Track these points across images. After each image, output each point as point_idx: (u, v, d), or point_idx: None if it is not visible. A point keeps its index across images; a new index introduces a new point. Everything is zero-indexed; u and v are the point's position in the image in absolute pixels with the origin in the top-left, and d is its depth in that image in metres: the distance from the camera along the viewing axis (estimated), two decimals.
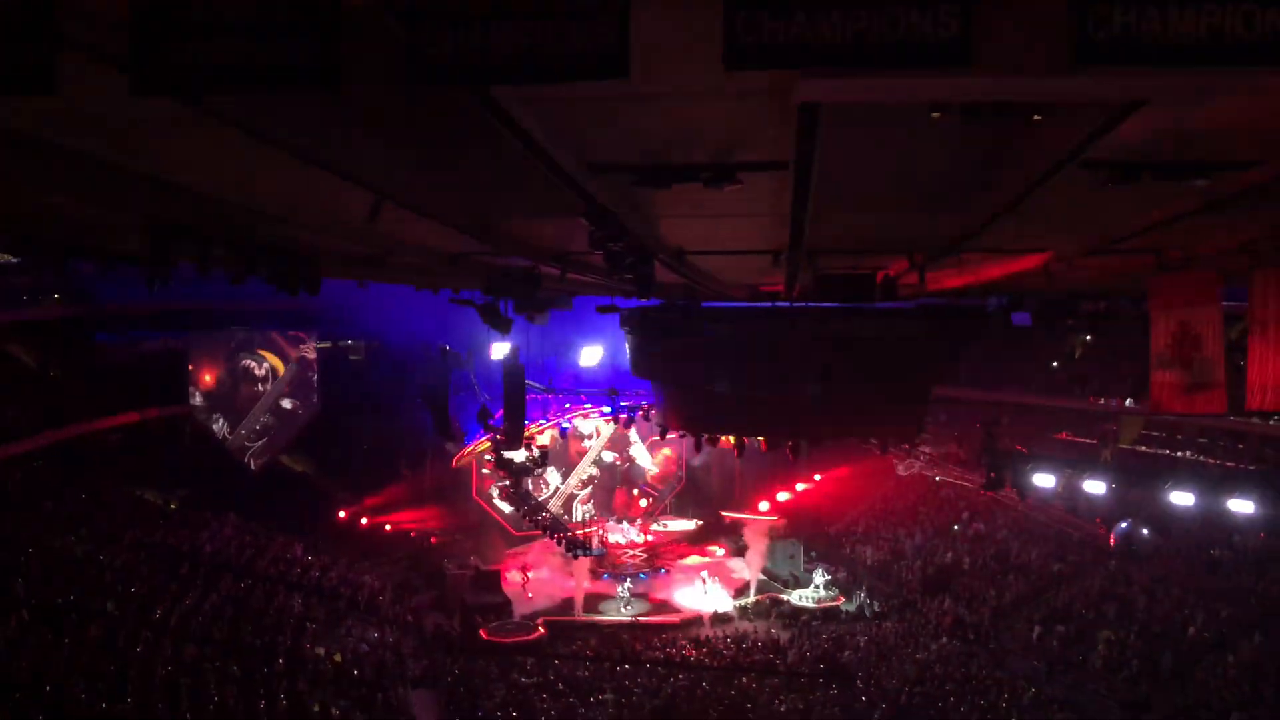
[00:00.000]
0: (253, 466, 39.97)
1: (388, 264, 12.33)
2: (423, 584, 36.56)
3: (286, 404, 41.11)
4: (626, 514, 44.46)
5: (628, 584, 36.33)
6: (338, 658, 24.26)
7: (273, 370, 40.55)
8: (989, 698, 25.56)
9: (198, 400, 38.92)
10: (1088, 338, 29.49)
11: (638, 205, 7.92)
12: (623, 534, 42.10)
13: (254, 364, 40.15)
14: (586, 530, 40.70)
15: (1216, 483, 22.10)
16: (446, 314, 26.06)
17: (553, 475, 44.08)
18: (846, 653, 30.07)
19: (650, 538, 42.46)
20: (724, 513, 44.56)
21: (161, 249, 8.31)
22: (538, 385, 39.01)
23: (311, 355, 41.98)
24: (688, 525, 44.52)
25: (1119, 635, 27.23)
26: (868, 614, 34.75)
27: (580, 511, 44.31)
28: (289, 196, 7.71)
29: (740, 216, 8.51)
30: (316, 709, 20.74)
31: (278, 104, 4.82)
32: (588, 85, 3.43)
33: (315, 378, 41.73)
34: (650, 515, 44.87)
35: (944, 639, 30.36)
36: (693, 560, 41.44)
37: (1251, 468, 26.43)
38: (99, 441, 33.51)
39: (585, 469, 44.93)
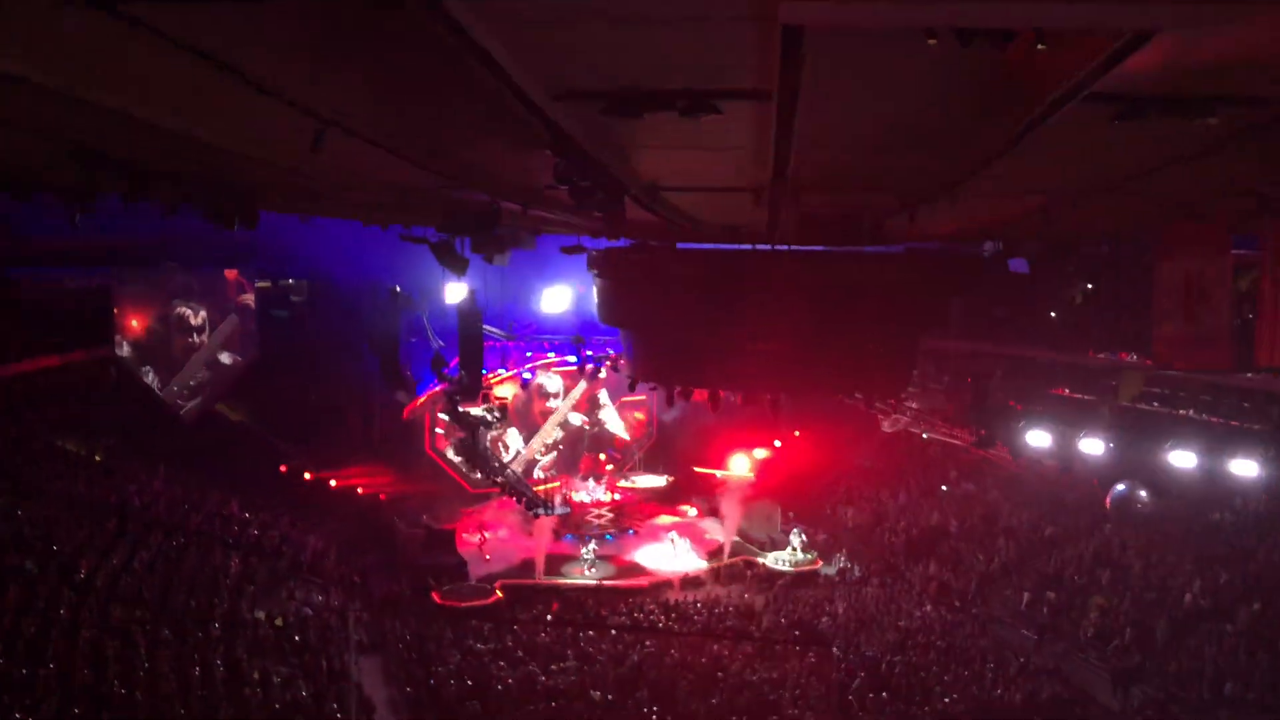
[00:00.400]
0: (186, 415, 39.68)
1: (333, 197, 12.19)
2: (371, 544, 36.63)
3: (225, 358, 40.75)
4: (593, 472, 44.74)
5: (592, 545, 36.64)
6: (279, 622, 24.32)
7: (208, 321, 40.10)
8: (974, 667, 26.12)
9: (125, 351, 38.40)
10: (1089, 286, 29.75)
11: (608, 136, 7.85)
12: (588, 492, 42.39)
13: (190, 313, 39.66)
14: (548, 488, 40.98)
15: (1219, 442, 22.50)
16: (398, 252, 25.85)
17: (514, 437, 44.22)
18: (824, 619, 30.54)
19: (618, 496, 42.74)
20: (697, 468, 44.91)
21: (86, 178, 8.19)
22: (497, 331, 38.98)
23: (252, 304, 41.59)
24: (658, 481, 44.95)
25: (1112, 602, 27.84)
26: (848, 578, 35.25)
27: (542, 474, 44.61)
28: (224, 122, 7.58)
29: (719, 150, 8.47)
30: (256, 676, 20.81)
31: (205, 15, 4.72)
32: (554, 2, 3.38)
33: (255, 323, 41.41)
34: (619, 471, 45.13)
35: (928, 606, 30.93)
36: (663, 520, 41.83)
37: (1256, 427, 26.89)
38: (15, 386, 33.10)
39: (550, 432, 45.06)
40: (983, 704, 24.29)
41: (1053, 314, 37.05)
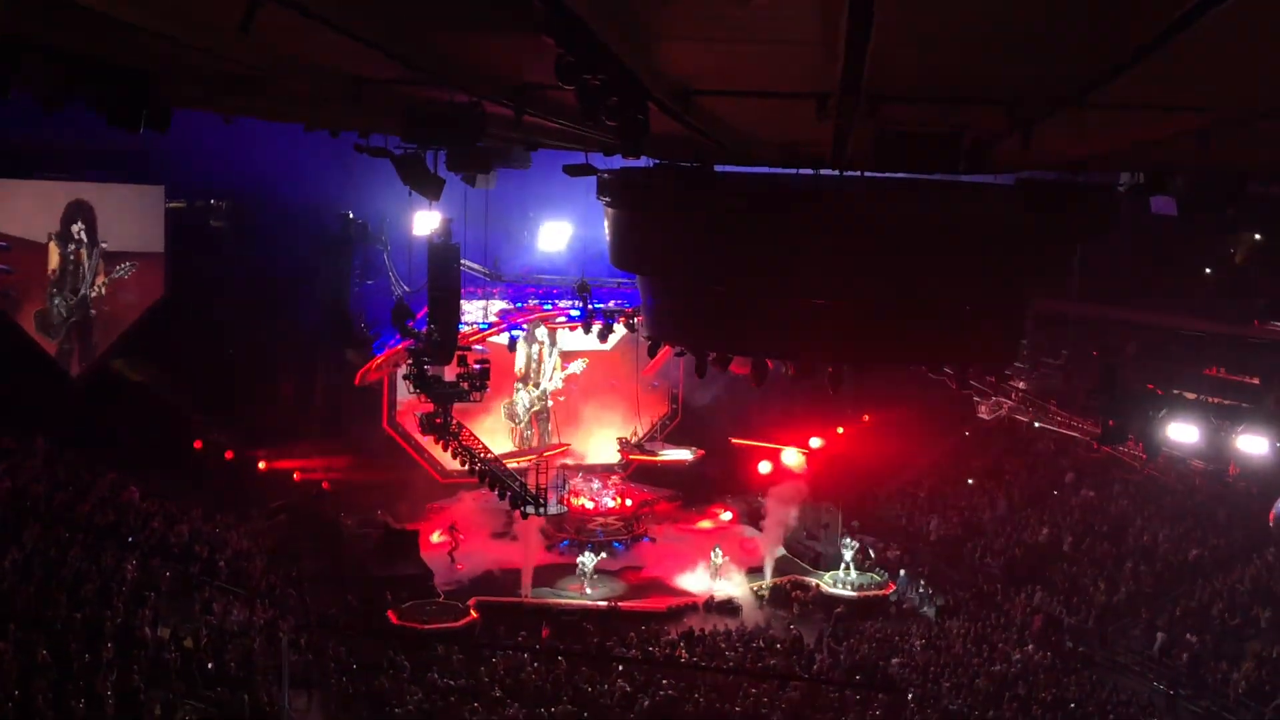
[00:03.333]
0: (71, 372, 39.77)
1: (265, 89, 12.10)
2: (309, 546, 36.87)
3: (120, 273, 40.37)
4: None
5: (589, 557, 36.63)
6: (188, 643, 24.48)
7: (91, 226, 39.68)
8: None
9: None
10: (1256, 237, 29.46)
11: (626, 15, 7.75)
12: (591, 494, 42.29)
13: (78, 226, 39.48)
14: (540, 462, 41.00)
15: None
16: (351, 167, 25.88)
17: (521, 397, 44.71)
18: (895, 660, 30.58)
19: (629, 501, 42.56)
20: (735, 439, 44.81)
21: None
22: (477, 267, 38.88)
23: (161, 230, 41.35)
24: (684, 454, 44.61)
25: (1273, 652, 27.76)
26: (927, 608, 35.29)
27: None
28: None
29: (774, 41, 8.35)
30: (158, 712, 20.97)
31: None
32: None
33: (163, 247, 41.07)
34: (636, 446, 44.85)
35: (1031, 646, 30.92)
36: (700, 525, 42.11)
37: None
38: None
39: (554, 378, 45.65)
40: None
41: (1207, 271, 36.84)
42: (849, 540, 37.63)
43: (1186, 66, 8.27)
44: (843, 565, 36.92)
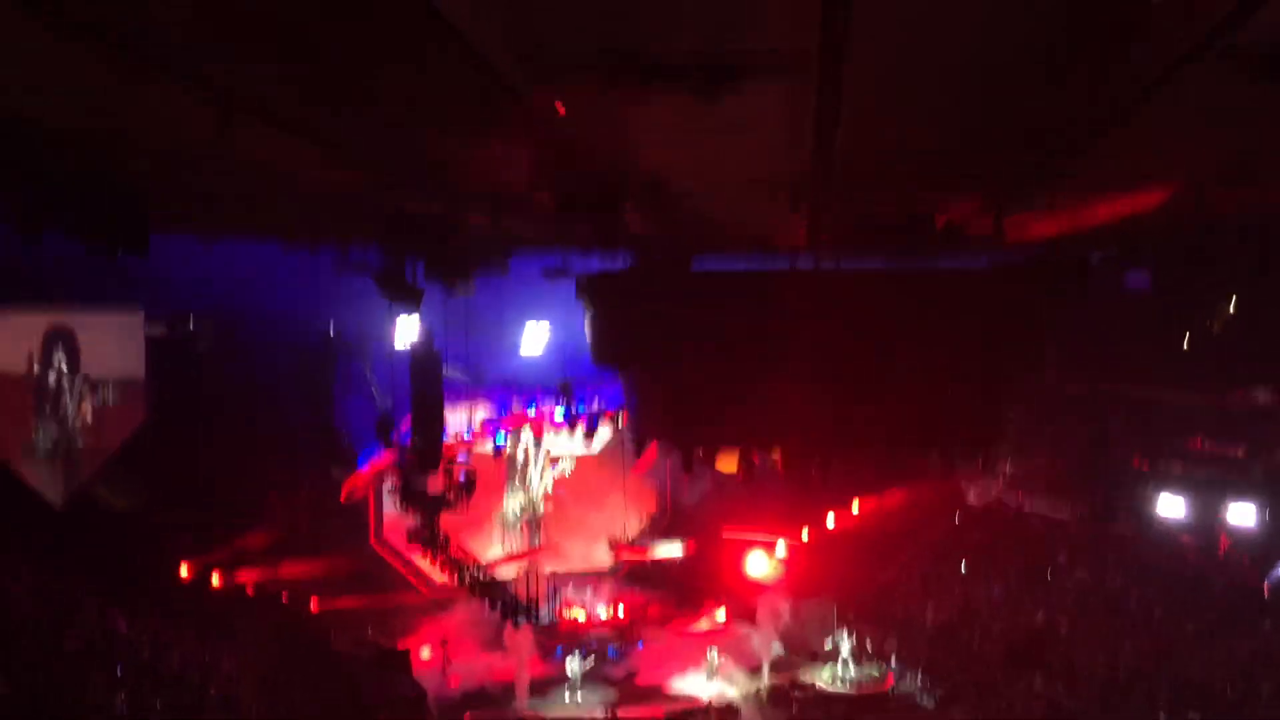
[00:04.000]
0: (56, 502, 39.53)
1: (243, 208, 12.22)
2: (301, 668, 36.41)
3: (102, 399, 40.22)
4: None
5: (577, 661, 36.15)
6: None
7: (72, 353, 39.63)
8: None
9: None
10: (1232, 304, 29.67)
11: (599, 121, 7.87)
12: (584, 606, 41.81)
13: (61, 365, 39.44)
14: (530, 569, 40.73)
15: None
16: (331, 282, 25.99)
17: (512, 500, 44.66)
18: None
19: (622, 613, 42.07)
20: (727, 532, 44.61)
21: None
22: (460, 375, 38.89)
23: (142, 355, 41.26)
24: (675, 548, 44.29)
25: None
26: (926, 700, 34.97)
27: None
28: (99, 109, 7.61)
29: (742, 132, 8.48)
30: None
31: None
32: None
33: (142, 374, 40.98)
34: (628, 544, 44.55)
35: None
36: (694, 627, 41.73)
37: None
38: None
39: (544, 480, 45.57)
40: None
41: (1185, 343, 37.00)
42: (845, 634, 37.34)
43: (1146, 141, 8.44)
44: (840, 661, 36.57)
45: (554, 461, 45.30)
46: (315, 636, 39.03)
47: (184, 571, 39.88)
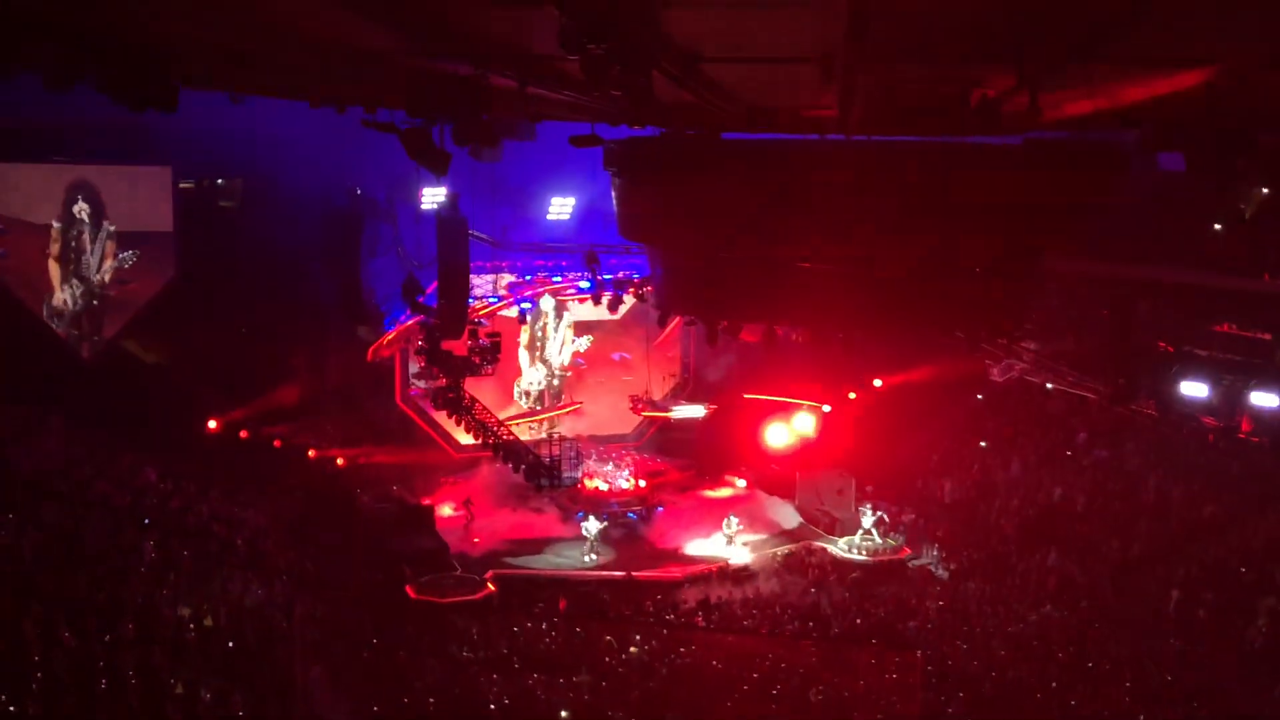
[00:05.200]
0: (84, 353, 39.85)
1: (269, 63, 12.10)
2: (326, 523, 36.95)
3: (126, 260, 40.29)
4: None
5: (593, 524, 36.54)
6: (208, 621, 24.62)
7: (96, 206, 39.52)
8: (1106, 685, 26.14)
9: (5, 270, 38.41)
10: (1264, 191, 29.21)
11: None
12: (605, 476, 42.16)
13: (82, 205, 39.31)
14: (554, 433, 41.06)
15: None
16: (359, 144, 25.81)
17: (532, 373, 44.74)
18: (912, 623, 30.63)
19: (643, 483, 42.39)
20: (748, 395, 44.90)
21: None
22: (485, 237, 38.83)
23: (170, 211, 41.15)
24: (697, 410, 44.53)
25: None
26: (943, 571, 35.32)
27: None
28: None
29: (775, 4, 8.33)
30: (179, 690, 21.10)
31: None
32: None
33: (172, 228, 40.94)
34: (649, 403, 44.76)
35: (1047, 606, 30.94)
36: (707, 495, 42.09)
37: None
38: None
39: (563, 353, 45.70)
40: None
41: (1217, 227, 36.57)
42: (868, 508, 37.63)
43: (1192, 16, 8.24)
44: (861, 532, 36.89)
45: (577, 335, 45.31)
46: (340, 492, 39.56)
47: (212, 426, 40.32)
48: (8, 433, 30.88)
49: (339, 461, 41.64)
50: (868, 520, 37.01)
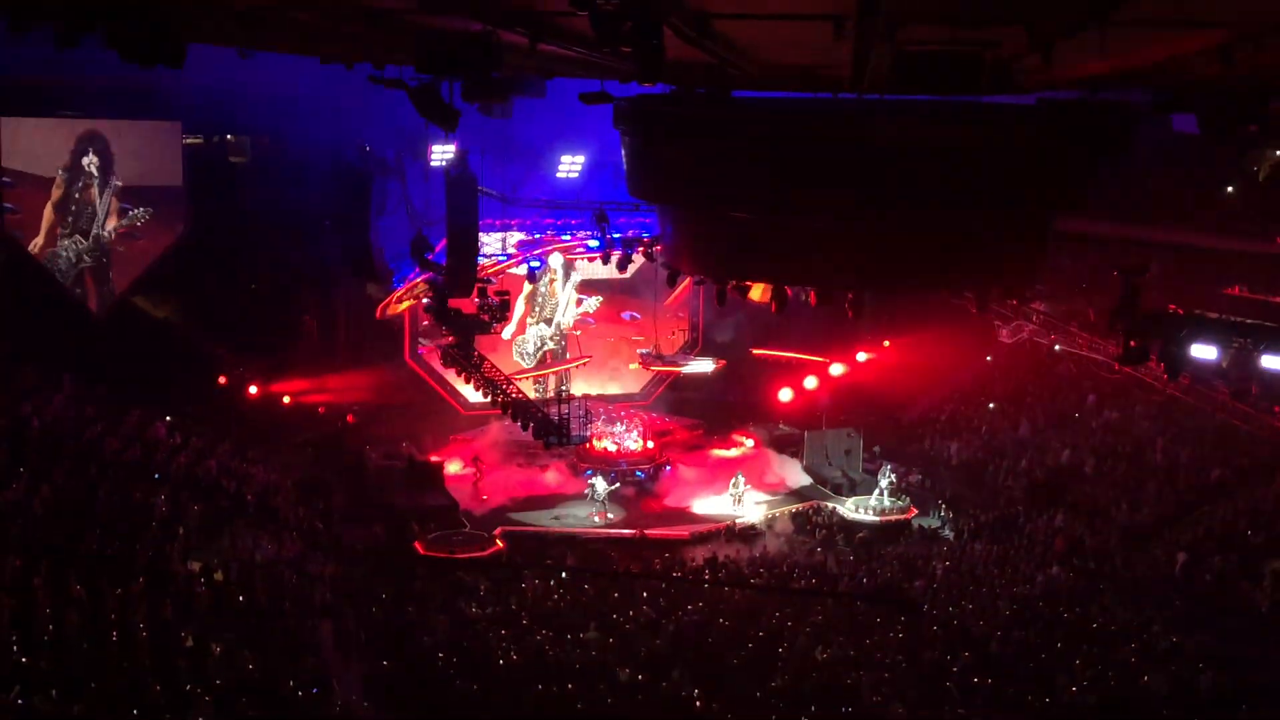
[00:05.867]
0: (93, 308, 39.82)
1: (278, 19, 12.03)
2: (336, 479, 37.11)
3: (135, 217, 40.13)
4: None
5: (600, 482, 36.61)
6: (219, 576, 24.73)
7: (105, 159, 39.31)
8: (1111, 647, 26.19)
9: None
10: (1277, 154, 29.10)
11: None
12: (615, 439, 42.12)
13: (91, 158, 39.17)
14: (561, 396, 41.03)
15: None
16: (367, 100, 25.72)
17: (534, 333, 44.67)
18: (918, 583, 30.71)
19: (650, 444, 42.37)
20: (756, 350, 44.88)
21: None
22: (493, 193, 38.66)
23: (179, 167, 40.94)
24: (706, 364, 44.48)
25: None
26: (949, 532, 35.39)
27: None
28: None
29: None
30: (190, 645, 21.21)
31: None
32: None
33: (181, 184, 40.82)
34: (657, 358, 44.62)
35: (1054, 567, 30.99)
36: (716, 454, 42.11)
37: None
38: None
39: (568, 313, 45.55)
40: (1121, 694, 24.39)
41: (1229, 189, 36.44)
42: (887, 467, 37.63)
43: None
44: (876, 491, 36.86)
45: (582, 298, 45.19)
46: (349, 448, 39.69)
47: (221, 382, 40.37)
48: (18, 390, 30.95)
49: (348, 418, 41.73)
50: (884, 481, 36.98)
